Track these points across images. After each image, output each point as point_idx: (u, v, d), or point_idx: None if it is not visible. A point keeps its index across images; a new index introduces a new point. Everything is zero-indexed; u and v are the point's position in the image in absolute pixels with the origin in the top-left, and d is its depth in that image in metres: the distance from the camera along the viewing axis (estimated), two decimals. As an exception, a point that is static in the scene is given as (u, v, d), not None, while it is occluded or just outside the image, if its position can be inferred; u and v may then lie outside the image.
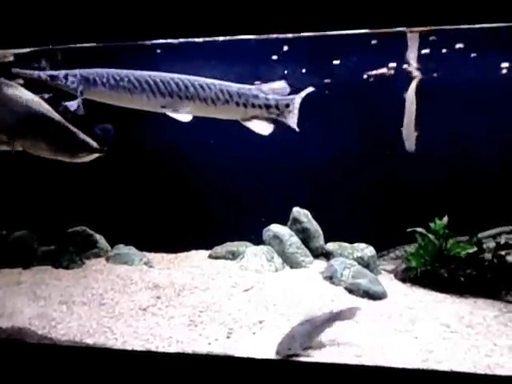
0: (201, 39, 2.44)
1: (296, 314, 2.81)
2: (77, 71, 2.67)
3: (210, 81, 2.67)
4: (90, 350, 2.51)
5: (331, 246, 3.91)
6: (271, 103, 2.62)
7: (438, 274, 3.42)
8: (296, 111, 2.65)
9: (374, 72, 3.78)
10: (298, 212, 3.95)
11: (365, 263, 3.63)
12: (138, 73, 2.66)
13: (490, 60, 3.69)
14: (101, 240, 4.05)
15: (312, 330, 2.39)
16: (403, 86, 3.77)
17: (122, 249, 3.93)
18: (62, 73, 2.65)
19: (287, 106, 2.62)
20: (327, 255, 3.88)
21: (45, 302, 3.02)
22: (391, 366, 2.22)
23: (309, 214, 3.97)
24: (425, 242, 3.55)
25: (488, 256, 3.34)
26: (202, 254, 4.15)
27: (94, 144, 2.86)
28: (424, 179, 3.82)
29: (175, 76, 2.65)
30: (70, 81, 2.62)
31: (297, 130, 2.68)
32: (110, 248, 4.07)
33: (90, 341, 2.54)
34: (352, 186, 3.99)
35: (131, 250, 3.91)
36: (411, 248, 3.64)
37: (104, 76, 2.62)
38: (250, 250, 3.80)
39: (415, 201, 3.81)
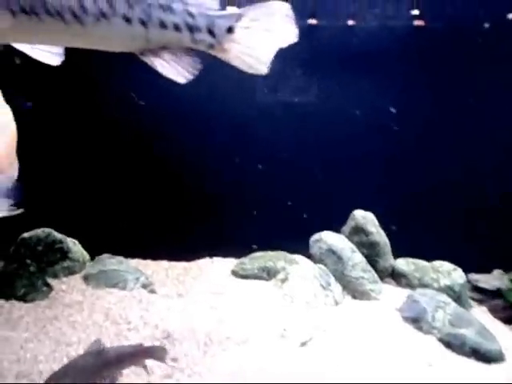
0: None
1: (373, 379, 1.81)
2: None
3: None
4: None
5: (404, 265, 2.86)
6: (199, 23, 1.24)
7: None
8: (248, 41, 1.27)
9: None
10: (363, 218, 2.81)
11: (455, 295, 2.65)
12: None
13: None
14: (75, 247, 2.72)
15: (99, 364, 1.61)
16: None
17: (109, 262, 2.68)
18: None
19: (230, 30, 1.25)
20: (397, 277, 2.86)
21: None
22: None
23: (376, 220, 2.85)
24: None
25: None
26: (220, 267, 3.00)
27: None
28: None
29: None
30: None
31: (248, 72, 1.29)
32: (88, 258, 2.80)
33: None
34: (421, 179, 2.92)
35: (122, 264, 2.68)
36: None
37: None
38: (294, 269, 2.68)
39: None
